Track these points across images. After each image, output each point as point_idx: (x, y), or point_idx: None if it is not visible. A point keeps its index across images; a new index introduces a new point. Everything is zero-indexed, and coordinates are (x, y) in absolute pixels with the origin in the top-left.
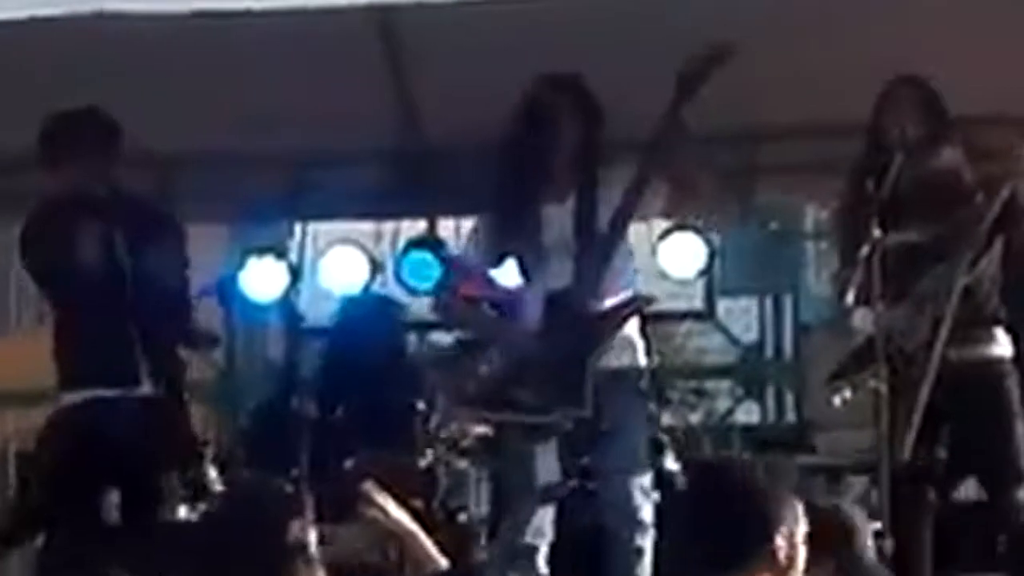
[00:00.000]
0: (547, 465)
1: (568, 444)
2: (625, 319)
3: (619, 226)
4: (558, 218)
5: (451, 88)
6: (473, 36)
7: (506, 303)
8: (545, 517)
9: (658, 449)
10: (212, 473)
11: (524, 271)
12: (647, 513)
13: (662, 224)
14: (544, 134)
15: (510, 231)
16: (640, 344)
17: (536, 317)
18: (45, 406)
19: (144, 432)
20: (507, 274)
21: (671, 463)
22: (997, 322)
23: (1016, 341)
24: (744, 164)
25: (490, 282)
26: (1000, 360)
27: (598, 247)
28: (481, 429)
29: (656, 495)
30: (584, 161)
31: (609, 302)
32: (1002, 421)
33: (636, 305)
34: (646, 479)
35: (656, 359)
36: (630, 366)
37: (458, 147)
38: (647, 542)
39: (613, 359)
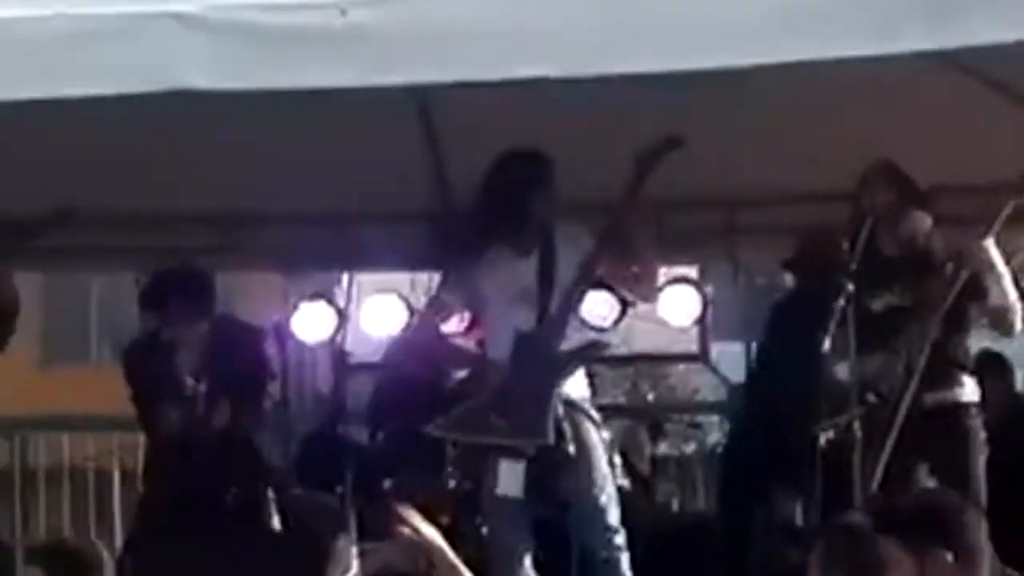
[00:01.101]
0: (510, 481)
1: (541, 469)
2: (585, 360)
3: (577, 289)
4: (523, 271)
5: (476, 158)
6: (495, 115)
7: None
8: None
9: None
10: (270, 493)
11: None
12: (616, 521)
13: (662, 278)
14: (510, 200)
15: (483, 281)
16: (585, 380)
17: (506, 355)
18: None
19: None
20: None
21: (623, 480)
22: (965, 370)
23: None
24: (728, 226)
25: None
26: (968, 404)
27: (561, 297)
28: None
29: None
30: (543, 222)
31: (569, 345)
32: (967, 452)
33: (596, 349)
34: (612, 492)
35: (653, 396)
36: (582, 397)
37: None
38: (620, 551)
39: (573, 391)
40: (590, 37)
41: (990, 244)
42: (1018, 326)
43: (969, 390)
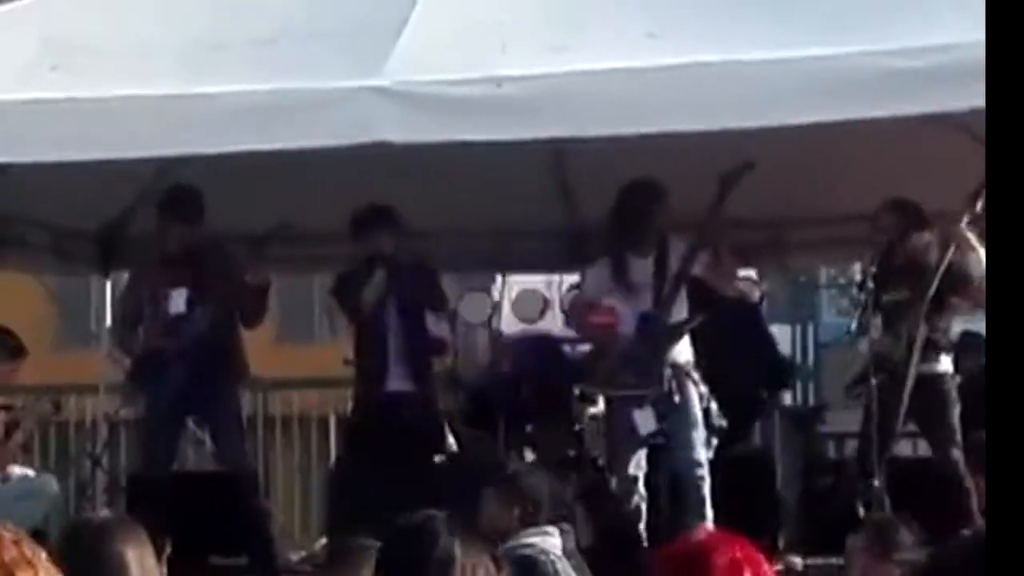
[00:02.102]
0: (646, 421)
1: (655, 411)
2: (683, 332)
3: (679, 281)
4: (644, 267)
5: (595, 192)
6: (610, 159)
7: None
8: (642, 457)
9: (707, 415)
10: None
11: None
12: (703, 458)
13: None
14: (635, 216)
15: (616, 274)
16: (690, 347)
17: (631, 329)
18: None
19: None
20: None
21: (720, 420)
22: (943, 349)
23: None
24: (779, 240)
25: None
26: (944, 374)
27: (669, 286)
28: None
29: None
30: (659, 231)
31: (675, 320)
32: (945, 408)
33: (690, 323)
34: (702, 435)
35: None
36: (687, 361)
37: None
38: (703, 480)
39: (679, 356)
40: (671, 103)
41: (965, 227)
42: None
43: (946, 363)
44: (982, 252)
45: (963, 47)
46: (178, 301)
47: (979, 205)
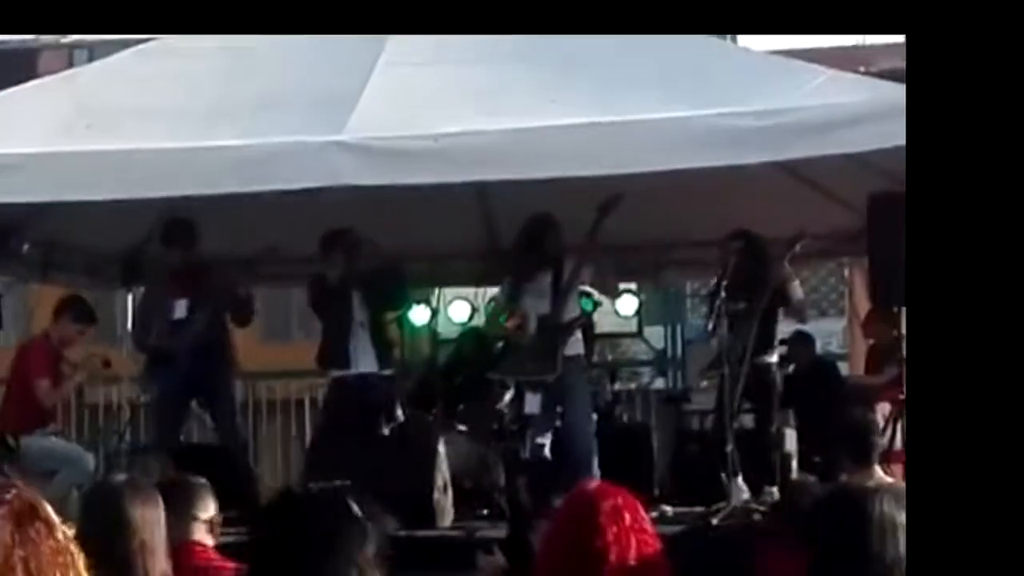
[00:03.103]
0: (532, 403)
1: (552, 395)
2: (574, 329)
3: (569, 289)
4: (543, 279)
5: (511, 224)
6: (522, 196)
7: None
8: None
9: (595, 396)
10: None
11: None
12: (591, 430)
13: (620, 289)
14: (536, 244)
15: (522, 286)
16: (581, 342)
17: (534, 327)
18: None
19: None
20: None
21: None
22: (772, 345)
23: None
24: (655, 260)
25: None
26: (771, 364)
27: (560, 294)
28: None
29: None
30: (554, 254)
31: (567, 318)
32: (770, 391)
33: (581, 321)
34: (590, 412)
35: (611, 355)
36: (577, 353)
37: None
38: (594, 451)
39: (571, 349)
40: (568, 153)
41: (788, 265)
42: (807, 318)
43: (774, 356)
44: (798, 281)
45: (797, 110)
46: (180, 308)
47: (797, 247)
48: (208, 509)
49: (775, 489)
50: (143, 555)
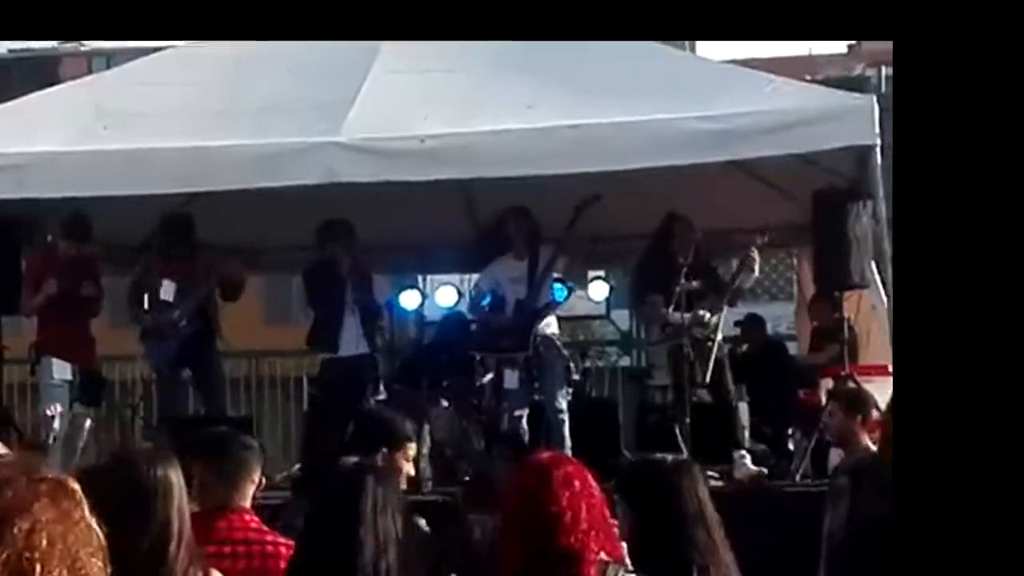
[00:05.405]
0: (511, 379)
1: (527, 371)
2: (549, 312)
3: (545, 276)
4: (520, 266)
5: (493, 215)
6: (501, 192)
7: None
8: (524, 402)
9: (567, 372)
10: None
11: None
12: (564, 404)
13: (591, 276)
14: (510, 232)
15: (501, 273)
16: (555, 323)
17: (511, 310)
18: None
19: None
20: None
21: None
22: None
23: None
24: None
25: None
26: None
27: (537, 280)
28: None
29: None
30: (531, 243)
31: (543, 302)
32: (722, 367)
33: (553, 307)
34: (565, 388)
35: (583, 336)
36: (552, 333)
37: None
38: (565, 422)
39: (546, 329)
40: (544, 153)
41: (755, 254)
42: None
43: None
44: (756, 272)
45: (750, 115)
46: (168, 289)
47: (765, 237)
48: (259, 472)
49: (735, 454)
50: (180, 518)
